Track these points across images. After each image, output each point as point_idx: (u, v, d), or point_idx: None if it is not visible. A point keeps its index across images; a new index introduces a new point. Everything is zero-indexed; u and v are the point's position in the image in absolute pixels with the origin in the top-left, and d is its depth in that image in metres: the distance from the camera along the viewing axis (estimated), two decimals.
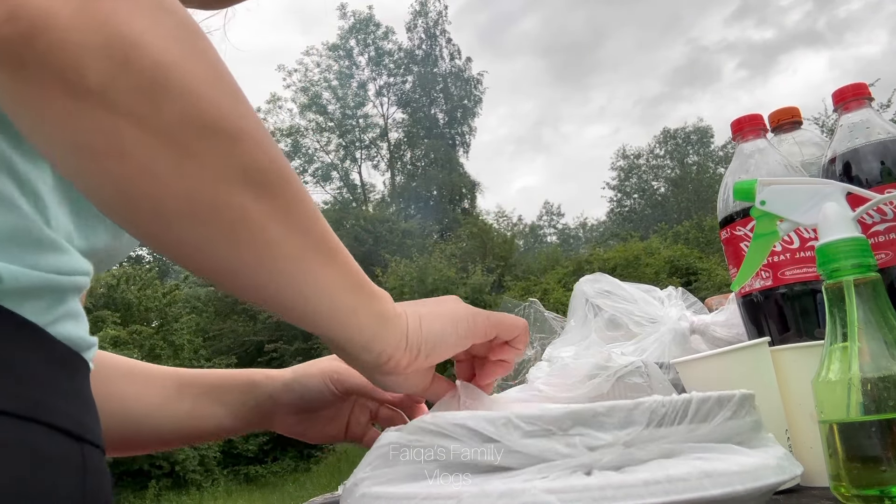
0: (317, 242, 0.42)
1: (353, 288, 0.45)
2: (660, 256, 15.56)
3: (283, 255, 0.40)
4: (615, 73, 54.24)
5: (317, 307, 0.43)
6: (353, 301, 0.45)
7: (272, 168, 0.39)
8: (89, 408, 0.42)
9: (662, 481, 0.39)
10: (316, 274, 0.42)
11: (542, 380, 0.77)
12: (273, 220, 0.39)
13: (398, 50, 29.21)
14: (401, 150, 28.97)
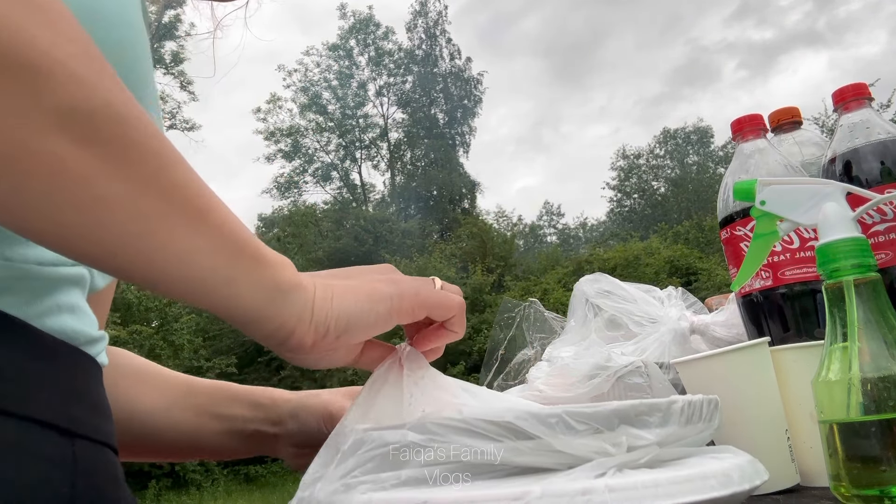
0: (171, 200, 0.35)
1: (228, 254, 0.38)
2: (660, 256, 15.56)
3: (123, 215, 0.34)
4: (615, 73, 54.26)
5: (179, 276, 0.36)
6: (230, 269, 0.38)
7: (101, 111, 0.33)
8: (88, 403, 0.41)
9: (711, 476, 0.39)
10: (171, 237, 0.35)
11: (542, 380, 0.77)
12: (104, 173, 0.33)
13: (398, 50, 29.22)
14: (401, 150, 28.97)
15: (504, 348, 1.03)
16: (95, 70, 0.33)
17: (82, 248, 0.34)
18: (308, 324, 0.42)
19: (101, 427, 0.42)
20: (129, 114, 0.34)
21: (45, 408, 0.37)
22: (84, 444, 0.39)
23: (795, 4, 46.42)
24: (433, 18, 28.99)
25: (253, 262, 0.39)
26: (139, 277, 0.36)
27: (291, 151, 27.58)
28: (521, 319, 1.03)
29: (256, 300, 0.39)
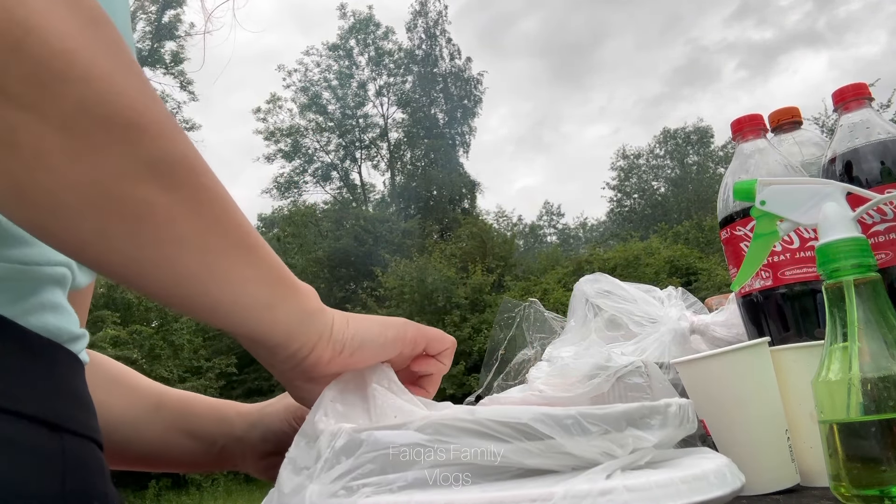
0: (231, 236, 0.41)
1: (271, 283, 0.43)
2: (660, 256, 15.56)
3: (193, 250, 0.38)
4: (615, 73, 54.26)
5: (230, 302, 0.41)
6: (272, 296, 0.43)
7: (181, 161, 0.37)
8: (73, 398, 0.41)
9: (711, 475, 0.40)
10: (229, 269, 0.40)
11: (542, 380, 0.77)
12: (182, 214, 0.37)
13: (398, 50, 29.21)
14: (401, 150, 28.96)
15: (504, 348, 1.03)
16: (175, 125, 0.38)
17: (151, 281, 0.38)
18: (327, 341, 0.47)
19: (86, 422, 0.42)
20: (201, 163, 0.39)
21: (32, 403, 0.37)
22: (71, 438, 0.39)
23: (795, 4, 46.44)
24: (433, 18, 28.99)
25: (289, 291, 0.45)
26: (195, 305, 0.40)
27: (291, 151, 27.58)
28: (521, 319, 1.03)
29: (291, 323, 0.45)
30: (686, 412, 0.48)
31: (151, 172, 0.36)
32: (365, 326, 0.50)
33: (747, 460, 0.66)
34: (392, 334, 0.52)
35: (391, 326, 0.52)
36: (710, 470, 0.41)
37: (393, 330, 0.52)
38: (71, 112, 0.32)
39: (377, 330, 0.51)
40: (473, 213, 26.27)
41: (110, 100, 0.34)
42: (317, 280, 20.82)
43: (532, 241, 31.53)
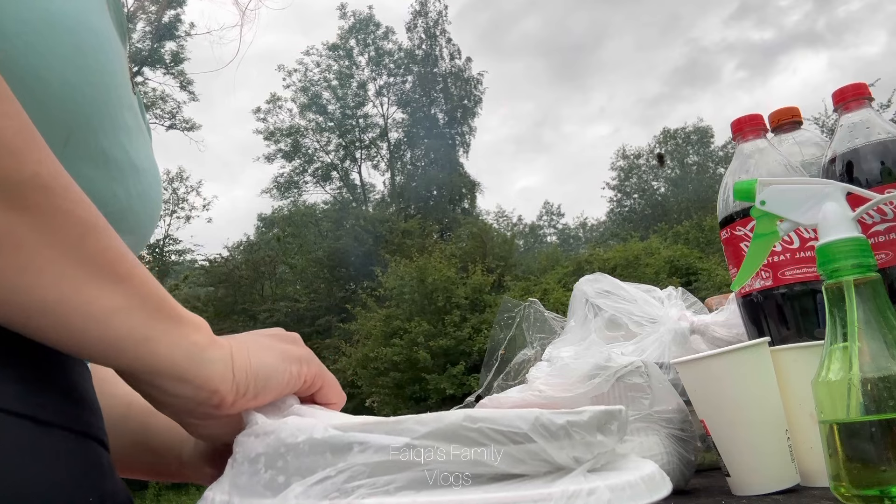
0: (93, 264, 0.37)
1: (146, 314, 0.39)
2: (660, 256, 15.55)
3: (45, 279, 0.35)
4: (615, 73, 54.26)
5: (97, 336, 0.38)
6: (148, 328, 0.39)
7: (29, 180, 0.35)
8: (60, 393, 0.41)
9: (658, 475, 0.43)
10: (93, 297, 0.37)
11: (542, 380, 0.77)
12: (31, 241, 0.35)
13: (398, 50, 29.21)
14: (401, 150, 28.96)
15: (504, 348, 1.03)
16: (26, 141, 0.35)
17: (10, 312, 0.35)
18: (230, 383, 0.43)
19: (83, 419, 0.42)
20: (55, 183, 0.36)
21: (16, 400, 0.37)
22: (64, 434, 0.39)
23: (795, 5, 46.43)
24: (433, 18, 28.99)
25: (170, 322, 0.41)
26: (55, 339, 0.37)
27: (291, 151, 27.57)
28: (521, 319, 1.03)
29: (175, 358, 0.41)
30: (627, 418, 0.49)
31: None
32: (268, 362, 0.46)
33: (747, 460, 0.67)
34: (296, 370, 0.48)
35: (293, 360, 0.48)
36: (655, 471, 0.44)
37: (296, 365, 0.48)
38: None
39: (281, 365, 0.47)
40: (473, 213, 26.27)
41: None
42: (317, 280, 20.82)
43: (532, 241, 31.53)
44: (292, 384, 0.48)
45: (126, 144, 0.47)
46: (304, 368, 0.49)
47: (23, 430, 0.36)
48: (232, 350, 0.44)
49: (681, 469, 0.73)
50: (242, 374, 0.44)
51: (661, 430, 0.73)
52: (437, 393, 13.12)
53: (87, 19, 0.43)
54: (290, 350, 0.49)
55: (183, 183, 23.11)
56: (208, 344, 0.43)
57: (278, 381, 0.47)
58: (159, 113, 22.07)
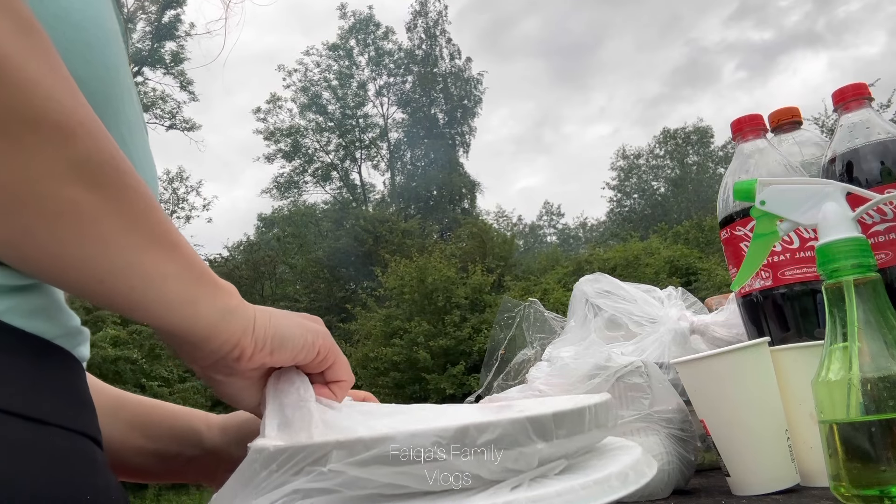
0: (154, 233, 0.42)
1: (193, 279, 0.44)
2: (660, 256, 15.54)
3: (117, 247, 0.39)
4: (615, 73, 54.25)
5: (152, 298, 0.42)
6: (194, 292, 0.44)
7: (107, 161, 0.39)
8: (61, 394, 0.42)
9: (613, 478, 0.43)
10: (152, 265, 0.41)
11: (542, 380, 0.77)
12: (106, 213, 0.38)
13: (398, 50, 29.20)
14: (401, 150, 28.96)
15: (504, 348, 1.03)
16: (100, 127, 0.39)
17: (75, 278, 0.39)
18: (250, 336, 0.48)
19: (78, 416, 0.42)
20: (125, 163, 0.40)
21: (9, 398, 0.37)
22: (59, 432, 0.39)
23: (795, 5, 46.41)
24: (433, 18, 28.98)
25: (211, 287, 0.46)
26: (119, 302, 0.41)
27: (291, 151, 27.57)
28: (521, 319, 1.03)
29: (212, 318, 0.46)
30: (600, 412, 0.48)
31: (77, 172, 0.37)
32: (285, 324, 0.51)
33: (747, 460, 0.67)
34: (311, 338, 0.53)
35: (310, 331, 0.53)
36: (614, 472, 0.43)
37: (312, 335, 0.53)
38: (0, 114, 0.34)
39: (298, 331, 0.52)
40: (473, 213, 26.27)
41: (38, 103, 0.35)
42: (317, 280, 20.82)
43: (532, 241, 31.54)
44: (306, 350, 0.52)
45: (127, 138, 0.48)
46: (318, 340, 0.53)
47: (20, 428, 0.37)
48: (256, 311, 0.49)
49: (681, 469, 0.73)
50: (262, 330, 0.49)
51: (661, 430, 0.73)
52: (437, 393, 13.12)
53: (95, 15, 0.45)
54: (307, 322, 0.54)
55: (183, 183, 23.11)
56: (238, 306, 0.48)
57: (293, 344, 0.51)
58: (159, 113, 22.07)
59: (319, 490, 0.40)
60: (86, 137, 0.37)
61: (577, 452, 0.47)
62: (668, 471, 0.71)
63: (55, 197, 0.36)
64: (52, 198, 0.36)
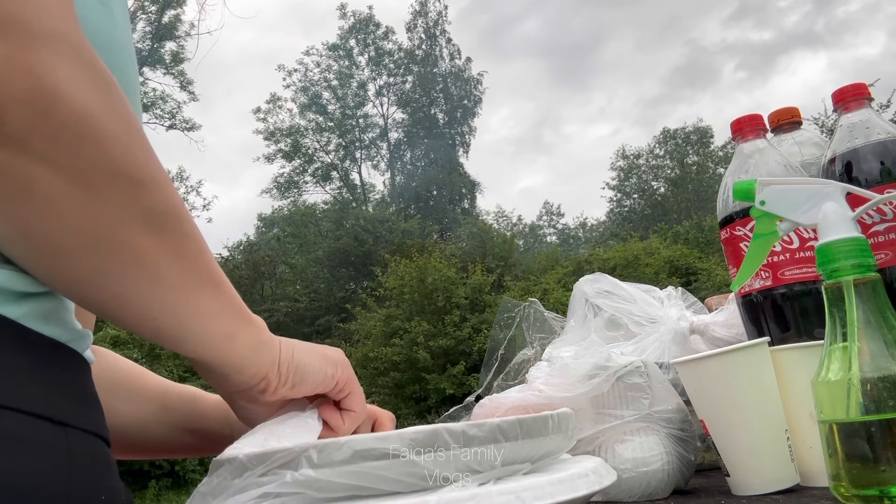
0: (203, 275, 0.45)
1: (233, 316, 0.48)
2: (659, 256, 15.54)
3: (172, 288, 0.43)
4: (615, 74, 54.25)
5: (198, 334, 0.46)
6: (232, 328, 0.48)
7: (170, 210, 0.42)
8: (77, 395, 0.42)
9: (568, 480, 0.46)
10: (199, 304, 0.45)
11: (542, 380, 0.77)
12: (166, 257, 0.42)
13: (398, 50, 29.19)
14: (401, 150, 28.95)
15: (504, 348, 1.03)
16: (167, 179, 0.42)
17: (132, 315, 0.42)
18: (276, 372, 0.52)
19: (92, 418, 0.43)
20: (185, 211, 0.44)
21: (36, 401, 0.38)
22: (77, 434, 0.40)
23: (794, 5, 46.40)
24: (433, 18, 28.98)
25: (246, 322, 0.49)
26: (168, 336, 0.44)
27: (291, 151, 27.57)
28: (521, 319, 1.03)
29: (245, 352, 0.49)
30: (565, 421, 0.52)
31: (146, 221, 0.40)
32: (307, 360, 0.54)
33: (747, 460, 0.67)
34: (330, 371, 0.56)
35: (330, 362, 0.56)
36: (577, 473, 0.47)
37: (332, 368, 0.56)
38: (83, 167, 0.37)
39: (318, 364, 0.55)
40: (473, 213, 26.27)
41: (117, 157, 0.38)
42: (317, 280, 20.82)
43: (532, 241, 31.54)
44: (326, 383, 0.56)
45: None
46: (338, 372, 0.57)
47: (44, 430, 0.37)
48: (280, 346, 0.53)
49: (681, 469, 0.73)
50: (286, 366, 0.52)
51: (661, 430, 0.73)
52: (437, 393, 13.12)
53: (118, 37, 0.48)
54: (329, 353, 0.57)
55: (183, 183, 23.11)
56: (267, 340, 0.51)
57: (314, 378, 0.55)
58: (159, 113, 22.07)
59: (288, 494, 0.42)
60: (155, 190, 0.40)
61: (541, 456, 0.50)
62: (667, 471, 0.71)
63: (124, 243, 0.39)
64: (121, 244, 0.39)
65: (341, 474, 0.42)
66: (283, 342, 0.53)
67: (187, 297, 0.44)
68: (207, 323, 0.46)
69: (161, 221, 0.41)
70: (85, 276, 0.39)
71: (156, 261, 0.41)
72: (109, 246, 0.39)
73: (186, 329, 0.45)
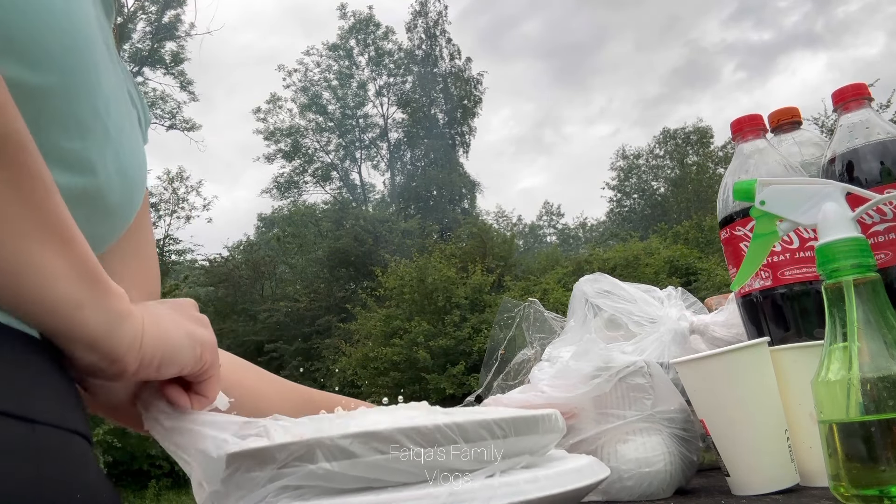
0: (49, 225, 0.37)
1: (85, 280, 0.40)
2: (659, 256, 15.53)
3: (9, 236, 0.35)
4: (615, 74, 54.25)
5: (38, 296, 0.38)
6: (83, 294, 0.39)
7: (10, 136, 0.35)
8: (48, 391, 0.40)
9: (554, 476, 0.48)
10: (43, 259, 0.37)
11: (546, 381, 0.77)
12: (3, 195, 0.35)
13: (398, 50, 29.20)
14: (401, 150, 28.95)
15: (504, 348, 1.03)
16: (7, 98, 0.35)
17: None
18: (137, 352, 0.44)
19: (66, 415, 0.41)
20: (29, 142, 0.36)
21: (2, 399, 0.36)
22: (47, 430, 0.39)
23: (794, 6, 46.39)
24: (433, 19, 28.98)
25: (101, 290, 0.41)
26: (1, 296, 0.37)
27: (291, 151, 27.57)
28: (521, 319, 1.03)
29: (99, 325, 0.41)
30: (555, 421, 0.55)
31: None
32: (176, 340, 0.47)
33: (747, 460, 0.67)
34: (198, 352, 0.49)
35: (198, 341, 0.50)
36: (573, 468, 0.50)
37: (198, 348, 0.50)
38: None
39: (188, 344, 0.48)
40: (473, 213, 26.27)
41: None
42: (317, 280, 20.81)
43: (532, 241, 31.53)
44: (192, 364, 0.49)
45: (103, 114, 0.46)
46: (206, 354, 0.50)
47: (9, 427, 0.36)
48: (144, 323, 0.44)
49: (683, 469, 0.73)
50: (150, 347, 0.44)
51: (664, 430, 0.73)
52: (437, 393, 13.11)
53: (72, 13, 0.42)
54: (197, 332, 0.50)
55: (183, 183, 23.10)
56: (126, 314, 0.43)
57: (182, 358, 0.48)
58: (159, 113, 22.07)
59: (306, 486, 0.43)
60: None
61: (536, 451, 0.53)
62: (670, 471, 0.71)
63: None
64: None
65: (356, 466, 0.43)
66: (147, 319, 0.45)
67: (29, 249, 0.36)
68: (53, 285, 0.38)
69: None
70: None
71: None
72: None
73: (22, 289, 0.37)
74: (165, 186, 20.90)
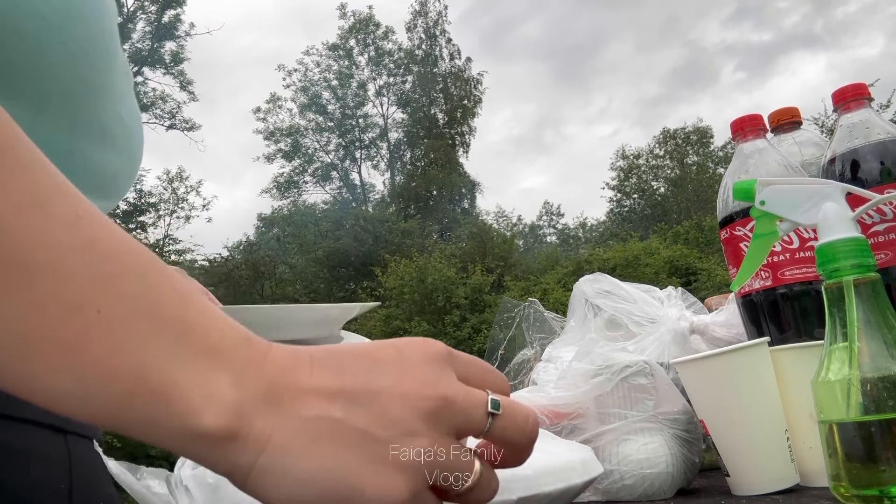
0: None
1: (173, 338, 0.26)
2: (659, 256, 15.54)
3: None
4: (615, 75, 54.27)
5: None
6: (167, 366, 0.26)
7: None
8: None
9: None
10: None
11: (552, 384, 0.77)
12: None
13: (398, 50, 29.20)
14: (401, 150, 28.95)
15: (504, 348, 1.03)
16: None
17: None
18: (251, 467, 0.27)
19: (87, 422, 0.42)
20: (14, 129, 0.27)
21: (37, 408, 0.36)
22: (75, 439, 0.39)
23: (793, 6, 46.41)
24: (433, 18, 28.98)
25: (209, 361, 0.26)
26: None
27: (291, 151, 27.58)
28: (520, 319, 1.03)
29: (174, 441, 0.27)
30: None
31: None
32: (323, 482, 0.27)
33: (747, 460, 0.67)
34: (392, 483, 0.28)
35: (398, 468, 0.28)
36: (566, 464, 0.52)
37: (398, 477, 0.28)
38: None
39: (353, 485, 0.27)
40: (473, 213, 26.28)
41: None
42: (317, 280, 20.82)
43: (532, 241, 31.53)
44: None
45: (122, 112, 0.46)
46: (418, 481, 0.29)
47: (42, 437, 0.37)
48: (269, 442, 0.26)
49: (685, 471, 0.73)
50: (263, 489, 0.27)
51: (666, 431, 0.73)
52: None
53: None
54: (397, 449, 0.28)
55: (183, 183, 23.09)
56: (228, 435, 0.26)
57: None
58: (159, 113, 22.06)
59: None
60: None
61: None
62: (671, 473, 0.71)
63: None
64: None
65: None
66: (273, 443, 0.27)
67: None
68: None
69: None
70: None
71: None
72: None
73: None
74: (165, 186, 20.90)
